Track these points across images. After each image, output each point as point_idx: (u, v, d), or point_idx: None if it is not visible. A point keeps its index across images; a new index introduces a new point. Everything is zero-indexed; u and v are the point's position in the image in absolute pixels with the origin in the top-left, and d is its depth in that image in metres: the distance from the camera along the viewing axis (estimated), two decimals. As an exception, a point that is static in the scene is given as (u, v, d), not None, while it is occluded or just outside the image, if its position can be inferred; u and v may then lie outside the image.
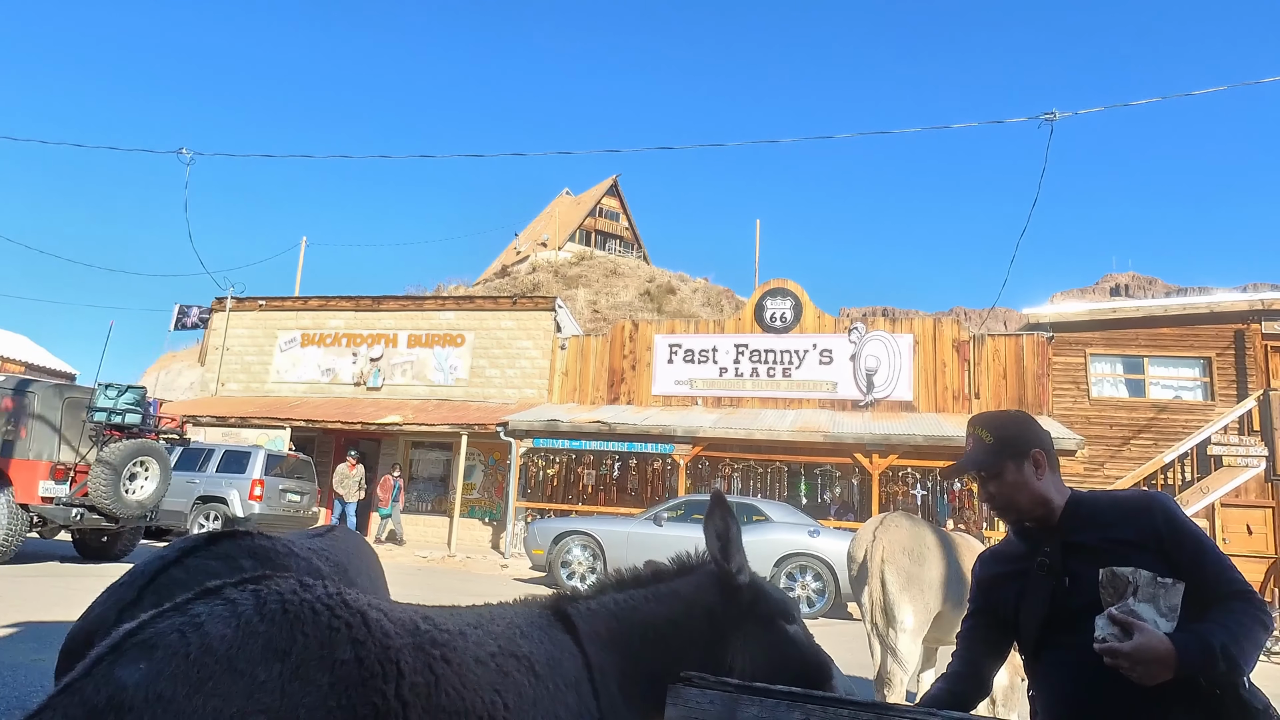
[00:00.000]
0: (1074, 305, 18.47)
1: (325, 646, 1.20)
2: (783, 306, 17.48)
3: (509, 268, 50.84)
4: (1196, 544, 1.68)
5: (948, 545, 4.68)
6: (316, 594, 1.26)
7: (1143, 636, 1.49)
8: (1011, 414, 1.94)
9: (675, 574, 1.92)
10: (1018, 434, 1.85)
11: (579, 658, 1.65)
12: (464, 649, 1.39)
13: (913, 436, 13.94)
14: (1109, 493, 1.87)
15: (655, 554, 10.31)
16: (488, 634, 1.49)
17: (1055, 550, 1.78)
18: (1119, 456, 15.21)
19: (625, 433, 15.28)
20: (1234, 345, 15.39)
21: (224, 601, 1.21)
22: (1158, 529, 1.68)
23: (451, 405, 18.11)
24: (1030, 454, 1.82)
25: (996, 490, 1.84)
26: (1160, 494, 1.81)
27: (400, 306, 19.99)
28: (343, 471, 16.27)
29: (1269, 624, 1.60)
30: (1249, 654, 1.54)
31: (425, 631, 1.36)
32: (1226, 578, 1.65)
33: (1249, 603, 1.60)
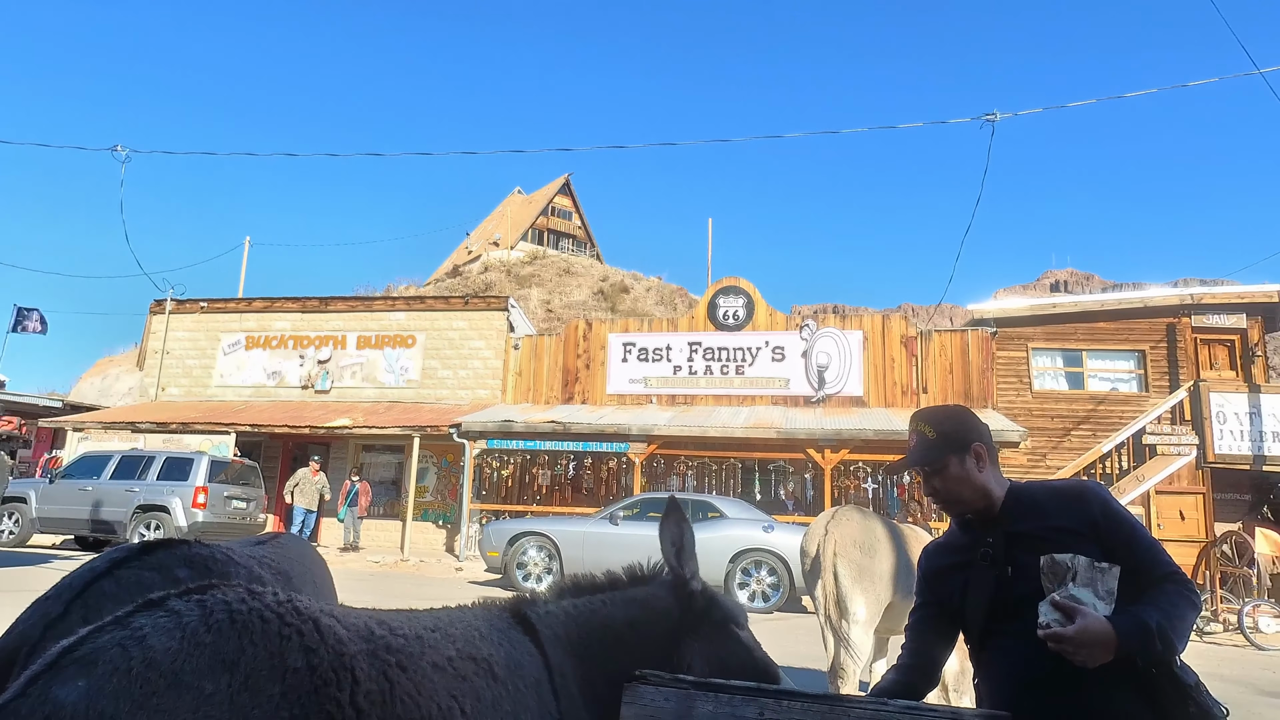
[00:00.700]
0: (1016, 301, 19.02)
1: (276, 656, 1.17)
2: (735, 304, 17.62)
3: (461, 267, 50.27)
4: (1130, 529, 1.74)
5: (898, 537, 4.78)
6: (265, 601, 1.24)
7: (1084, 620, 1.54)
8: (952, 409, 1.98)
9: (630, 582, 1.94)
10: (958, 429, 1.89)
11: (539, 659, 1.64)
12: (420, 654, 1.37)
13: (863, 431, 14.19)
14: (1046, 483, 1.92)
15: (612, 553, 10.43)
16: (445, 637, 1.47)
17: (998, 541, 1.82)
18: (1060, 447, 15.70)
19: (580, 432, 15.25)
20: (1166, 338, 16.01)
21: (167, 613, 1.17)
22: (1093, 516, 1.74)
23: (403, 407, 17.84)
24: (971, 448, 1.86)
25: (940, 485, 1.88)
26: (1094, 483, 1.87)
27: (349, 307, 19.62)
28: (304, 476, 15.54)
29: (1198, 603, 1.68)
30: (1182, 633, 1.61)
31: (380, 637, 1.33)
32: (1158, 561, 1.72)
33: (1179, 584, 1.67)
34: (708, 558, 11.00)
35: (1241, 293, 16.14)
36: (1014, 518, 1.82)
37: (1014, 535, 1.80)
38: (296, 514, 15.41)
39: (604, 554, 11.38)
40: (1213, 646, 9.72)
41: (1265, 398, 14.63)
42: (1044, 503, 1.81)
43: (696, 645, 1.87)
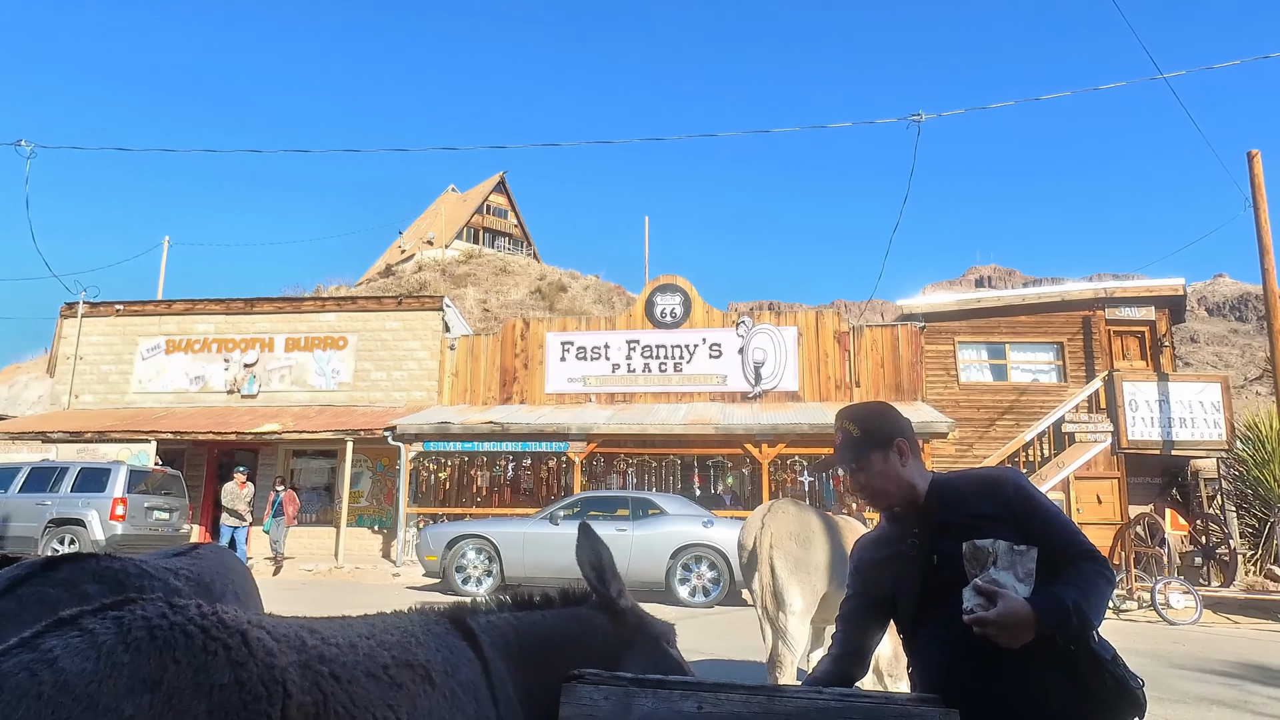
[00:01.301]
0: (943, 296, 19.64)
1: (201, 672, 1.13)
2: (672, 302, 17.73)
3: (393, 267, 49.24)
4: (1044, 512, 1.81)
5: (832, 529, 4.88)
6: (189, 615, 1.19)
7: (1005, 603, 1.61)
8: (874, 406, 2.03)
9: (563, 601, 1.94)
10: (881, 425, 1.94)
11: (477, 664, 1.62)
12: (355, 663, 1.34)
13: (799, 425, 14.44)
14: (966, 472, 1.99)
15: (552, 553, 10.35)
16: (380, 645, 1.44)
17: (923, 531, 1.88)
18: (986, 437, 16.28)
19: (519, 432, 15.12)
20: (1082, 331, 16.75)
21: (81, 632, 1.11)
22: (1010, 501, 1.81)
23: (335, 411, 17.39)
24: (894, 444, 1.91)
25: (865, 480, 1.93)
26: (1011, 470, 1.95)
27: (276, 309, 19.01)
28: (232, 491, 14.42)
29: (1112, 579, 1.76)
30: (1097, 608, 1.69)
31: (312, 647, 1.29)
32: (1073, 541, 1.79)
33: (1094, 561, 1.76)
34: (649, 555, 11.06)
35: (1150, 286, 17.00)
36: (938, 508, 1.88)
37: (938, 525, 1.85)
38: (224, 531, 14.30)
39: (545, 554, 11.32)
40: (1129, 623, 10.22)
41: (1173, 386, 15.46)
42: (965, 492, 1.88)
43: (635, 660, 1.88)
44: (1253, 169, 13.72)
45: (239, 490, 14.46)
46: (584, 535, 1.96)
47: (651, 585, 11.07)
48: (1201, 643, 8.73)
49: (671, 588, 10.92)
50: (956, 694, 1.72)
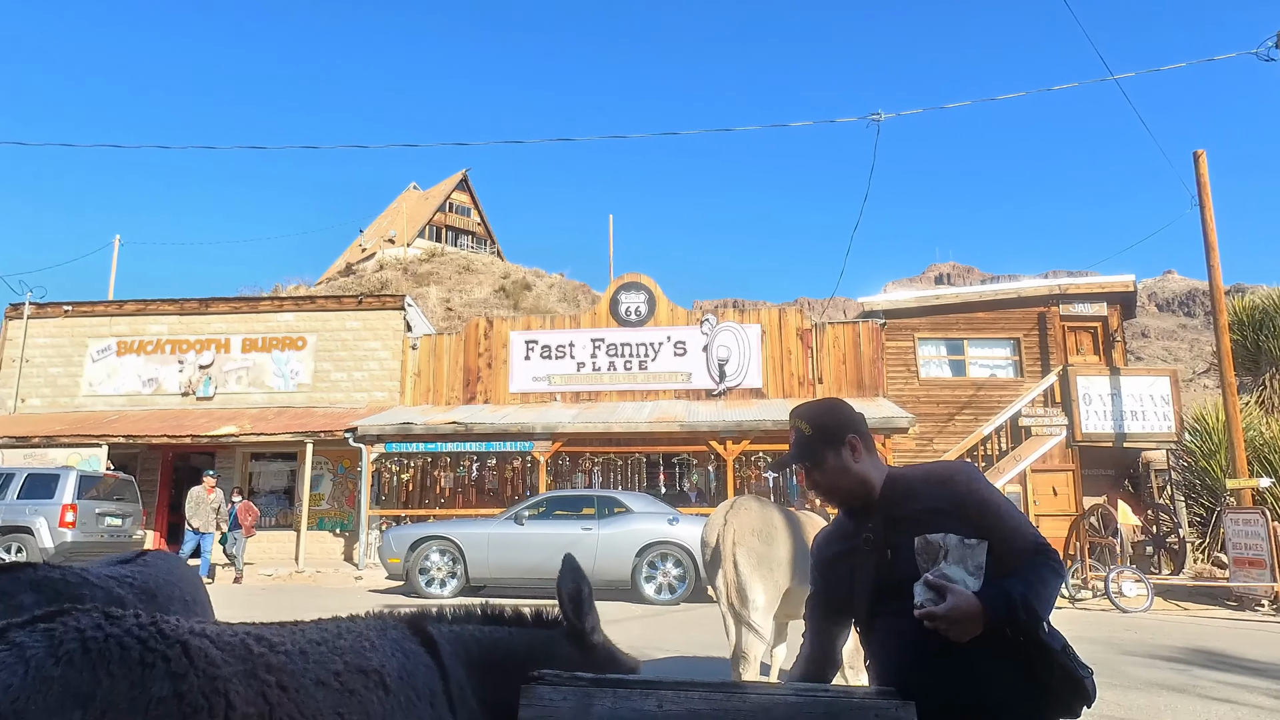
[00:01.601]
0: (903, 293, 19.90)
1: (137, 685, 1.08)
2: (637, 300, 17.72)
3: (354, 266, 48.54)
4: (995, 506, 1.83)
5: (794, 524, 4.91)
6: (125, 626, 1.14)
7: (954, 598, 1.64)
8: (827, 403, 2.04)
9: (534, 623, 1.91)
10: (832, 422, 1.96)
11: (435, 670, 1.59)
12: (304, 670, 1.30)
13: (763, 422, 14.54)
14: (920, 466, 2.01)
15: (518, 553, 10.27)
16: (333, 651, 1.40)
17: (877, 525, 1.90)
18: (945, 432, 16.55)
19: (483, 432, 15.00)
20: (1038, 326, 17.11)
21: (8, 646, 1.07)
22: (961, 495, 1.82)
23: (294, 412, 17.08)
24: (846, 440, 1.93)
25: (820, 478, 1.95)
26: (963, 464, 1.96)
27: (232, 309, 18.61)
28: (198, 496, 13.62)
29: (1061, 571, 1.79)
30: (1046, 600, 1.71)
31: (259, 655, 1.25)
32: (1022, 534, 1.81)
33: (1043, 554, 1.78)
34: (615, 553, 11.05)
35: (1103, 283, 17.42)
36: (891, 502, 1.90)
37: (892, 519, 1.87)
38: (188, 538, 13.68)
39: (510, 555, 11.24)
40: (1083, 611, 10.47)
41: (1125, 380, 15.87)
42: (918, 486, 1.90)
43: None
44: (1199, 168, 14.12)
45: (206, 495, 13.80)
46: (567, 565, 1.95)
47: (617, 584, 11.06)
48: (1152, 629, 8.98)
49: (637, 586, 10.92)
50: (911, 686, 1.74)
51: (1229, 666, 6.82)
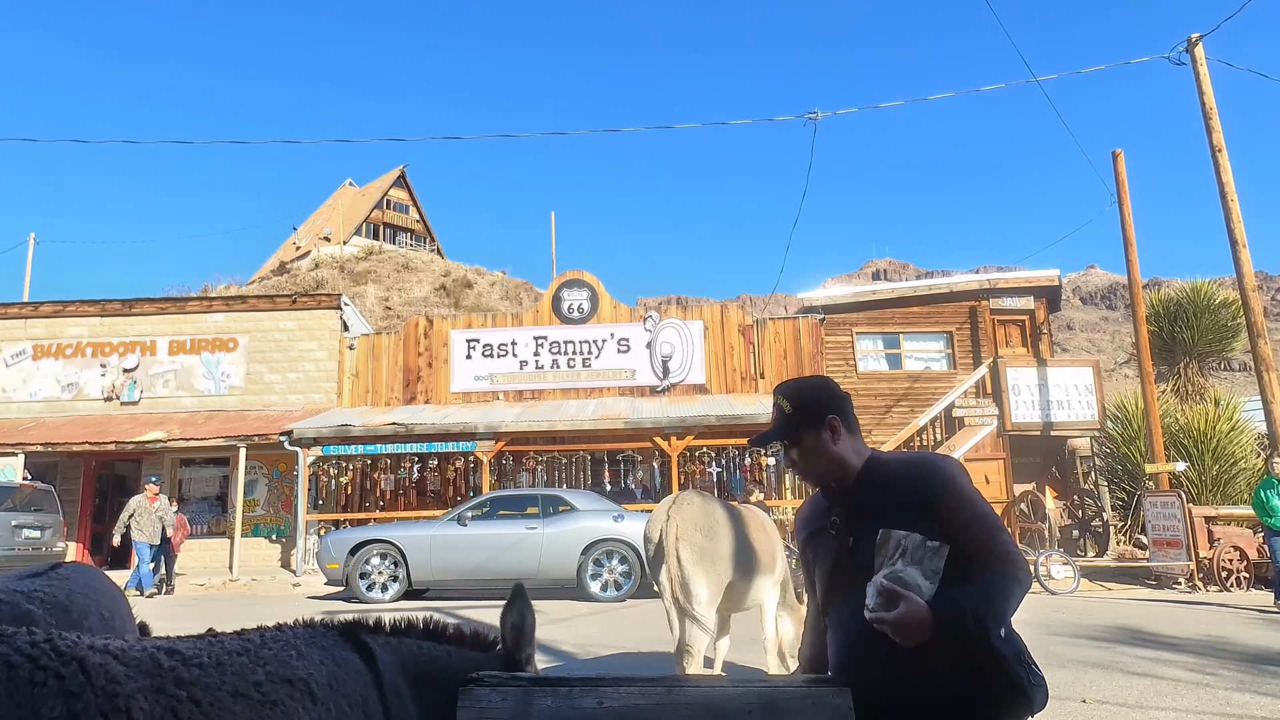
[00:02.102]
0: (841, 289, 20.28)
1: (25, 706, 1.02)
2: (580, 297, 17.66)
3: (288, 264, 47.20)
4: (969, 507, 1.78)
5: (736, 519, 4.96)
6: (16, 644, 1.07)
7: (906, 606, 1.60)
8: (811, 381, 1.99)
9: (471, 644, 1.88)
10: (813, 401, 1.90)
11: (368, 677, 1.53)
12: (220, 683, 1.23)
13: (706, 417, 14.66)
14: (903, 454, 1.96)
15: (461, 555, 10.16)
16: (255, 661, 1.33)
17: (843, 511, 1.87)
18: (883, 424, 16.94)
19: (424, 433, 14.75)
20: (969, 320, 17.65)
21: None
22: (932, 492, 1.77)
23: (226, 416, 16.54)
24: (826, 421, 1.88)
25: (797, 458, 1.90)
26: (944, 459, 1.88)
27: (158, 309, 17.90)
28: (140, 505, 12.87)
29: (1025, 582, 1.74)
30: (1001, 614, 1.69)
31: (169, 669, 1.19)
32: (992, 540, 1.76)
33: (1007, 564, 1.73)
34: (560, 552, 11.00)
35: (1029, 277, 18.06)
36: (863, 489, 1.86)
37: (859, 508, 1.84)
38: (141, 551, 12.67)
39: (453, 556, 11.09)
40: (1014, 595, 10.84)
41: (1051, 371, 16.49)
42: (893, 476, 1.85)
43: None
44: (1117, 167, 14.75)
45: (149, 505, 13.00)
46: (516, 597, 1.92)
47: (563, 582, 11.02)
48: (1078, 610, 9.35)
49: (583, 583, 10.90)
50: (857, 676, 1.75)
51: (1148, 643, 7.16)
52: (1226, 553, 11.21)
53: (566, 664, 6.69)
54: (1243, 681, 5.70)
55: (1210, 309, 18.01)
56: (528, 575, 11.05)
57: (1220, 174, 13.56)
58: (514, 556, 11.01)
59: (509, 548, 11.03)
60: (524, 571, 11.03)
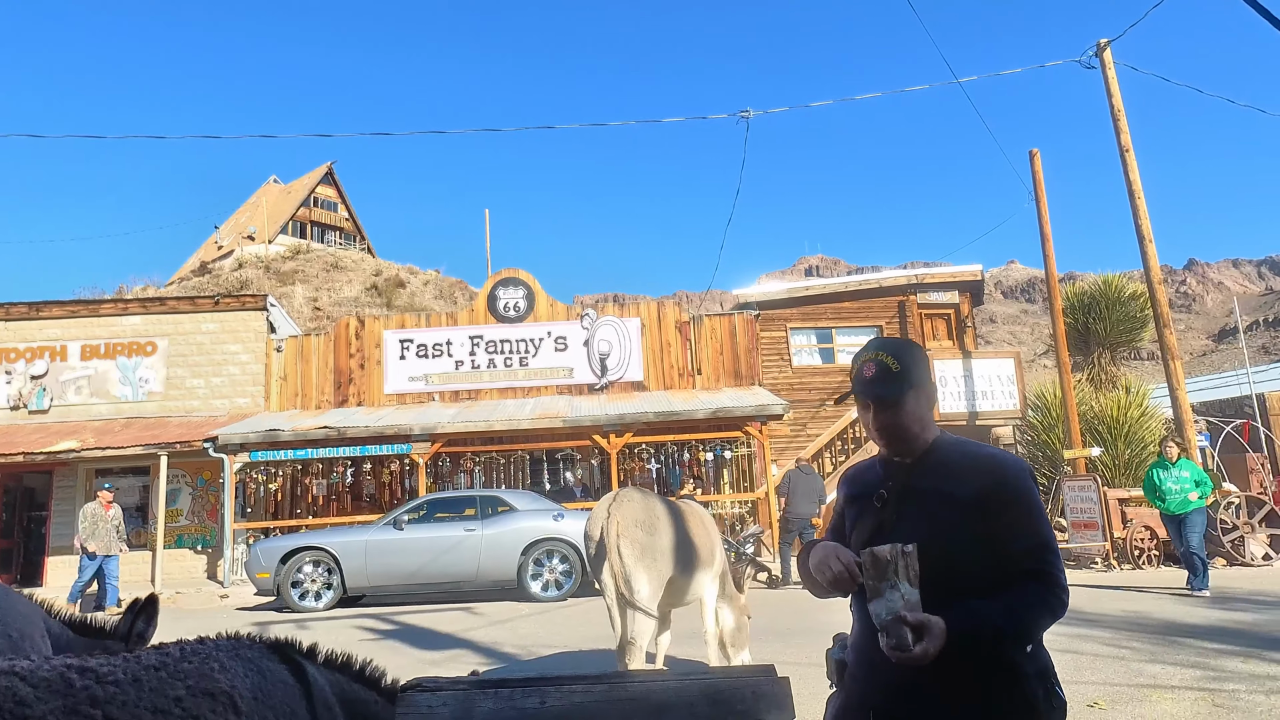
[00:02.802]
0: (775, 286, 20.61)
1: None
2: (515, 296, 17.50)
3: (210, 264, 45.45)
4: (1025, 514, 1.69)
5: (676, 514, 5.00)
6: None
7: (930, 641, 1.52)
8: (910, 344, 1.89)
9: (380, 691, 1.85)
10: (919, 364, 1.81)
11: (296, 689, 1.49)
12: (137, 700, 1.18)
13: (645, 414, 14.71)
14: (971, 444, 1.85)
15: (398, 559, 10.00)
16: (174, 675, 1.27)
17: (896, 487, 1.79)
18: (818, 417, 17.30)
19: (357, 436, 14.40)
20: (899, 314, 18.15)
21: None
22: (990, 489, 1.69)
23: (145, 423, 15.83)
24: (927, 385, 1.81)
25: (893, 419, 1.78)
26: (1017, 462, 1.79)
27: (68, 313, 17.01)
28: (94, 513, 12.04)
29: (1056, 607, 1.64)
30: (1028, 635, 1.62)
31: (83, 688, 1.13)
32: (1037, 558, 1.67)
33: (1046, 586, 1.64)
34: (500, 552, 10.90)
35: (954, 273, 18.67)
36: (923, 470, 1.79)
37: (909, 488, 1.77)
38: (84, 564, 11.90)
39: (390, 561, 10.88)
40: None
41: (975, 362, 17.10)
42: (955, 465, 1.76)
43: None
44: (1034, 166, 15.36)
45: (104, 513, 12.10)
46: None
47: (503, 583, 10.92)
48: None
49: (524, 584, 10.82)
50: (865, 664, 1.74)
51: (1068, 620, 7.49)
52: (1138, 533, 11.81)
53: (508, 665, 6.64)
54: (1154, 653, 6.02)
55: (1121, 301, 18.93)
56: (467, 578, 10.91)
57: (1128, 173, 14.27)
58: (452, 559, 10.85)
59: (447, 550, 10.87)
60: (463, 574, 10.89)
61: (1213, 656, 5.82)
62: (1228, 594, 8.79)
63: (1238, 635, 6.54)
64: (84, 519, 12.06)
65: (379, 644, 8.04)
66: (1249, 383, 21.12)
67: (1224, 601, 8.31)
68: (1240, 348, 26.63)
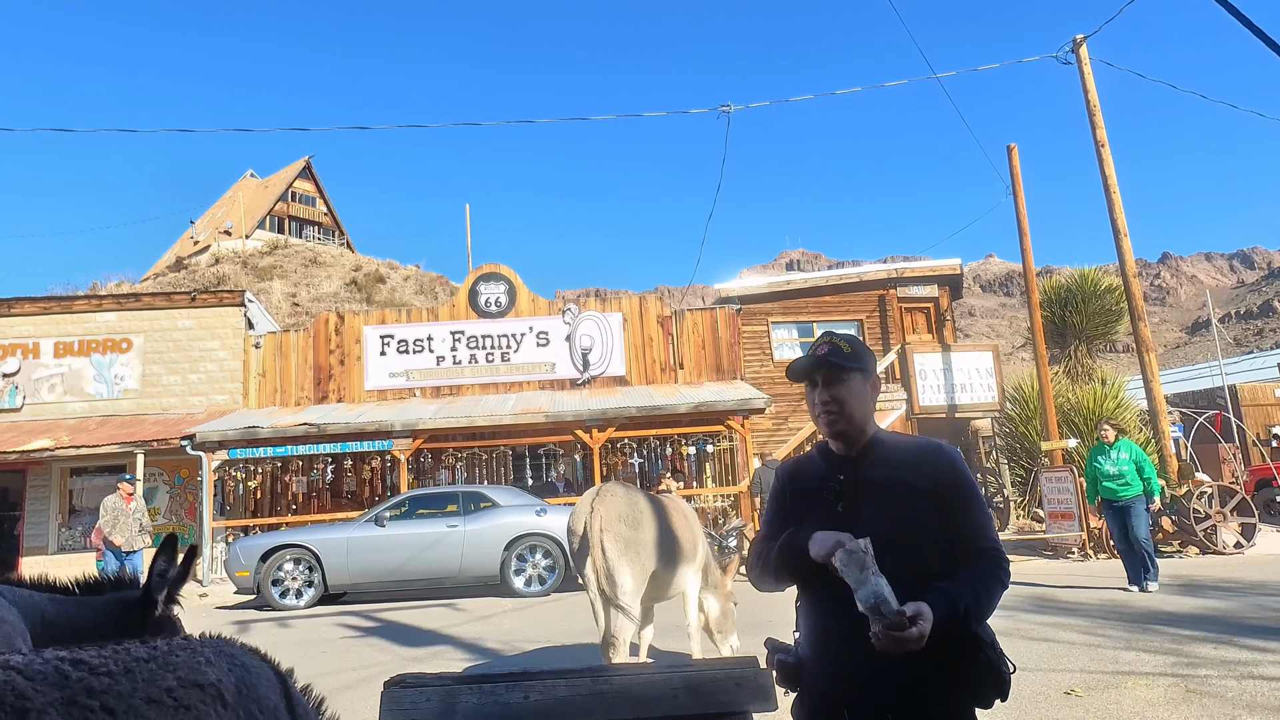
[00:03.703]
0: (756, 280, 20.67)
1: None
2: (497, 291, 17.43)
3: (185, 260, 44.89)
4: (970, 496, 1.83)
5: (659, 508, 5.01)
6: None
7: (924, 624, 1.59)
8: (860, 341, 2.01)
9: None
10: (868, 356, 1.94)
11: (278, 686, 1.51)
12: (131, 691, 1.19)
13: (627, 409, 14.72)
14: (907, 436, 1.99)
15: (379, 556, 9.95)
16: (163, 667, 1.29)
17: (847, 479, 1.87)
18: (799, 411, 17.38)
19: (337, 433, 14.30)
20: (879, 308, 18.26)
21: None
22: (943, 477, 1.81)
23: (120, 421, 15.62)
24: (873, 376, 1.93)
25: (839, 394, 1.88)
26: (951, 448, 1.92)
27: (41, 309, 16.73)
28: (115, 506, 11.34)
29: (1006, 580, 1.79)
30: (988, 608, 1.74)
31: (78, 680, 1.14)
32: (982, 534, 1.81)
33: (993, 560, 1.78)
34: (482, 548, 10.88)
35: (934, 266, 18.81)
36: (869, 462, 1.87)
37: (861, 479, 1.85)
38: (109, 559, 11.19)
39: (371, 558, 10.82)
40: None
41: (955, 355, 17.25)
42: (899, 454, 1.86)
43: None
44: (1011, 161, 15.50)
45: (125, 506, 11.42)
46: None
47: (486, 579, 10.90)
48: (983, 582, 9.82)
49: (507, 579, 10.81)
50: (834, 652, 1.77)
51: (1047, 609, 7.60)
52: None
53: (491, 661, 6.64)
54: (1129, 641, 6.12)
55: (1097, 294, 19.16)
56: (449, 574, 10.88)
57: (1104, 168, 14.44)
58: (435, 555, 10.82)
59: (429, 547, 10.83)
60: (445, 570, 10.86)
61: (1186, 643, 5.93)
62: (1200, 582, 8.95)
63: (1210, 622, 6.67)
64: (105, 512, 11.42)
65: (361, 641, 8.00)
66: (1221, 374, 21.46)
67: (1197, 589, 8.46)
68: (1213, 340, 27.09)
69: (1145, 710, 4.41)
